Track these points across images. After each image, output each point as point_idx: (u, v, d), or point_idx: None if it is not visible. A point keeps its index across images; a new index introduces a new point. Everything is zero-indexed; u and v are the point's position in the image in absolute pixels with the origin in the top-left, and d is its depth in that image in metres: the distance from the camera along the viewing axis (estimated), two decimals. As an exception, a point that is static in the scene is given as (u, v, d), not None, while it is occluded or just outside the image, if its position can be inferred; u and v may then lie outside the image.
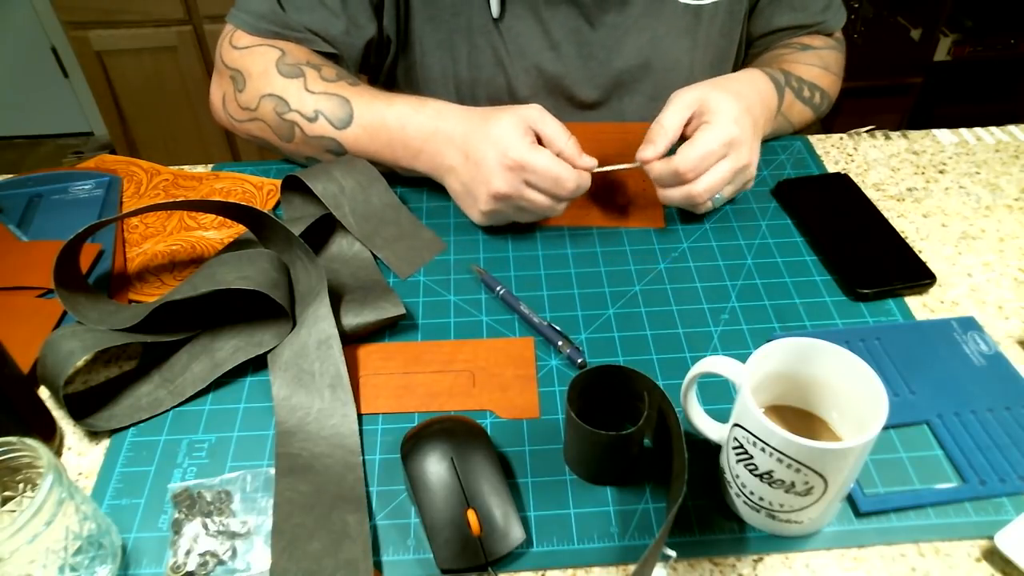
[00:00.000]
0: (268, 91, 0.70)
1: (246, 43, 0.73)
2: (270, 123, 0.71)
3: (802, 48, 0.82)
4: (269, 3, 0.73)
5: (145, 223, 0.71)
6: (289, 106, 0.69)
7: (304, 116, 0.69)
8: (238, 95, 0.73)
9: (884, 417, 0.41)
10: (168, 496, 0.50)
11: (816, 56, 0.81)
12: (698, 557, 0.46)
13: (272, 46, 0.72)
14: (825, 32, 0.85)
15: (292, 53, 0.72)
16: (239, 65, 0.72)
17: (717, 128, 0.63)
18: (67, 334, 0.55)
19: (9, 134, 2.37)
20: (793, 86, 0.77)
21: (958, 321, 0.60)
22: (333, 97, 0.69)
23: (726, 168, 0.64)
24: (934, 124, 0.83)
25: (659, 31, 0.79)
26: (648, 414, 0.48)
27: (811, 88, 0.79)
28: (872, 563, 0.46)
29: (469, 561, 0.45)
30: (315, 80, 0.70)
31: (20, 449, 0.42)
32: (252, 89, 0.71)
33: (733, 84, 0.68)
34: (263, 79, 0.71)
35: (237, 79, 0.73)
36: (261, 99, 0.71)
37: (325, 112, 0.69)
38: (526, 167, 0.62)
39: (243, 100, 0.72)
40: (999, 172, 0.76)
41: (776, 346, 0.46)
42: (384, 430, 0.54)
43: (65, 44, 2.02)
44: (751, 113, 0.66)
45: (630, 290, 0.64)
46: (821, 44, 0.83)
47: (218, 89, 0.76)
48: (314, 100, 0.69)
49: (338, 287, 0.62)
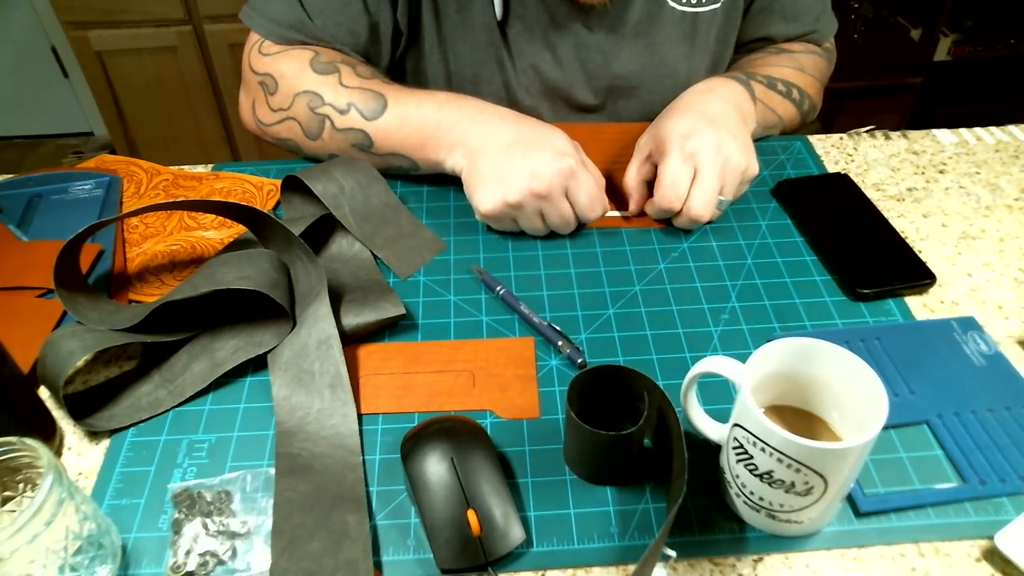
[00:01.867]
0: (303, 88, 0.71)
1: (275, 49, 0.74)
2: (301, 120, 0.71)
3: (777, 52, 0.83)
4: (295, 12, 0.73)
5: (145, 223, 0.71)
6: (323, 100, 0.70)
7: (337, 109, 0.70)
8: (269, 98, 0.73)
9: (884, 417, 0.41)
10: (168, 496, 0.50)
11: (790, 59, 0.82)
12: (698, 557, 0.46)
13: (305, 48, 0.73)
14: (815, 42, 0.85)
15: (326, 53, 0.73)
16: (270, 69, 0.73)
17: (670, 155, 0.66)
18: (67, 334, 0.55)
19: (9, 134, 2.37)
20: (761, 81, 0.77)
21: (958, 321, 0.60)
22: (368, 92, 0.70)
23: (708, 176, 0.65)
24: (934, 124, 0.83)
25: (657, 37, 0.79)
26: (648, 414, 0.48)
27: (785, 84, 0.79)
28: (872, 563, 0.46)
29: (469, 561, 0.45)
30: (350, 76, 0.71)
31: (20, 449, 0.42)
32: (285, 89, 0.72)
33: (685, 99, 0.71)
34: (298, 77, 0.71)
35: (268, 83, 0.73)
36: (296, 97, 0.71)
37: (358, 104, 0.69)
38: (577, 175, 0.64)
39: (275, 102, 0.73)
40: (999, 172, 0.76)
41: (776, 346, 0.46)
42: (384, 430, 0.54)
43: (65, 44, 2.03)
44: (706, 117, 0.67)
45: (630, 290, 0.64)
46: (800, 49, 0.84)
47: (247, 98, 0.77)
48: (348, 94, 0.70)
49: (338, 287, 0.62)
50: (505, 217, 0.66)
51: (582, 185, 0.65)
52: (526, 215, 0.66)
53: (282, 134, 0.74)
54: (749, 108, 0.72)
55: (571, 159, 0.64)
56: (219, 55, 1.73)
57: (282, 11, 0.73)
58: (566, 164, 0.63)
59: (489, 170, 0.65)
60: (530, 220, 0.66)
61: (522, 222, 0.67)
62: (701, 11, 0.79)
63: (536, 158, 0.63)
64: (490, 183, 0.65)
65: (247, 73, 0.76)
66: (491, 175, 0.65)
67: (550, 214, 0.66)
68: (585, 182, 0.65)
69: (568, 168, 0.64)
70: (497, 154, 0.65)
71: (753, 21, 0.84)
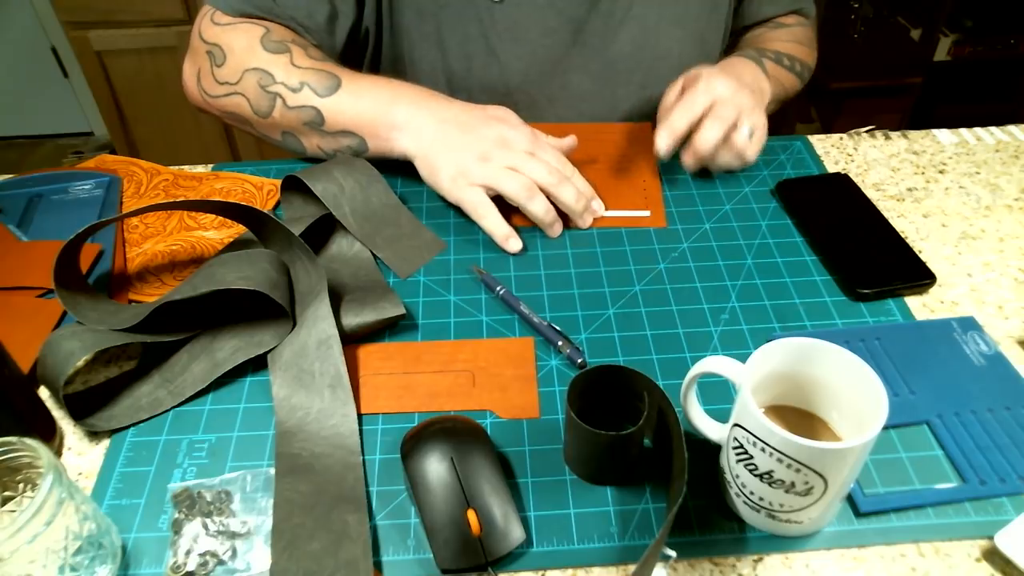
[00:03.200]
0: (253, 65, 0.70)
1: (226, 20, 0.73)
2: (250, 96, 0.70)
3: (775, 27, 0.91)
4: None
5: (145, 223, 0.71)
6: (274, 79, 0.69)
7: (289, 87, 0.69)
8: (216, 70, 0.72)
9: (884, 417, 0.41)
10: (168, 496, 0.50)
11: (788, 32, 0.90)
12: (698, 557, 0.46)
13: (256, 23, 0.72)
14: (803, 14, 0.93)
15: (277, 31, 0.72)
16: (220, 40, 0.72)
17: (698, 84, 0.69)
18: (67, 334, 0.55)
19: (9, 134, 2.37)
20: (770, 56, 0.82)
21: (958, 321, 0.60)
22: (321, 72, 0.69)
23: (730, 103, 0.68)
24: (934, 124, 0.83)
25: (651, 20, 0.81)
26: (648, 414, 0.48)
27: (790, 59, 0.86)
28: (872, 563, 0.46)
29: (469, 561, 0.45)
30: (301, 56, 0.70)
31: (20, 449, 0.42)
32: (234, 63, 0.71)
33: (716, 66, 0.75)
34: (247, 53, 0.70)
35: (215, 54, 0.72)
36: (244, 72, 0.70)
37: (311, 83, 0.69)
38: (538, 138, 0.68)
39: (222, 75, 0.71)
40: (999, 172, 0.76)
41: (776, 346, 0.46)
42: (384, 430, 0.54)
43: (65, 44, 2.03)
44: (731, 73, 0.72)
45: (630, 290, 0.64)
46: (793, 22, 0.92)
47: (192, 66, 0.75)
48: (300, 73, 0.69)
49: (338, 287, 0.62)
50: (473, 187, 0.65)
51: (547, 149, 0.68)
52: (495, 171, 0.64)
53: (227, 107, 0.73)
54: (765, 85, 0.77)
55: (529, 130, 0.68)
56: (219, 55, 1.73)
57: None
58: (528, 130, 0.68)
59: (450, 143, 0.66)
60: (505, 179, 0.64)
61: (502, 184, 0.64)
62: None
63: (497, 127, 0.67)
64: (449, 154, 0.66)
65: (195, 40, 0.75)
66: (452, 147, 0.66)
67: (523, 165, 0.65)
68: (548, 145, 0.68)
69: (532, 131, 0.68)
70: (452, 130, 0.66)
71: (748, 6, 0.90)
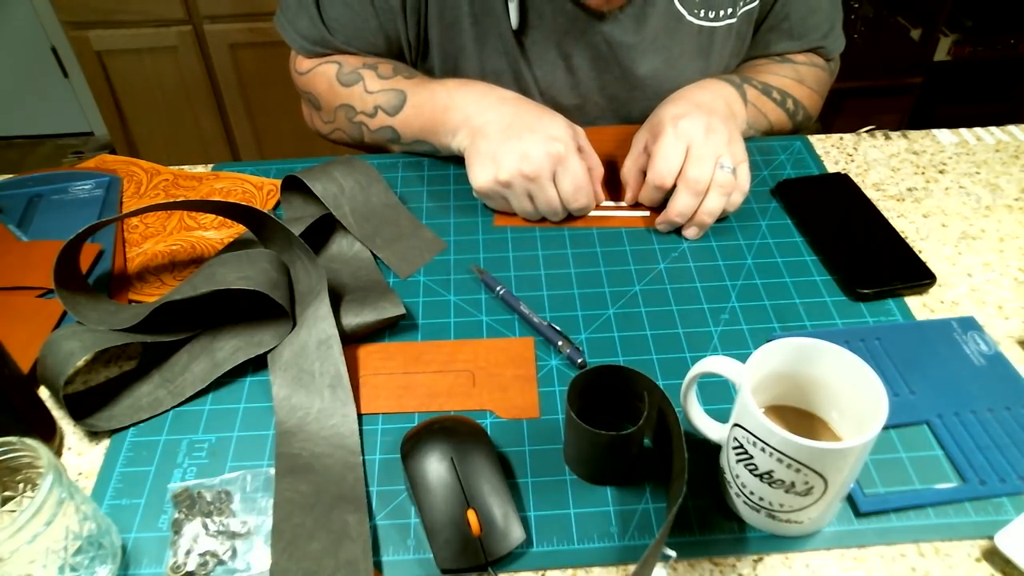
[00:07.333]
0: (338, 103, 0.78)
1: (307, 67, 0.81)
2: (345, 129, 0.80)
3: (780, 60, 0.83)
4: (317, 29, 0.78)
5: (145, 223, 0.71)
6: (355, 110, 0.77)
7: (367, 115, 0.76)
8: (316, 113, 0.83)
9: (884, 417, 0.41)
10: (168, 496, 0.50)
11: (791, 68, 0.82)
12: (698, 557, 0.46)
13: (328, 62, 0.79)
14: (821, 55, 0.85)
15: (348, 62, 0.78)
16: (308, 89, 0.81)
17: (663, 135, 0.67)
18: (67, 334, 0.55)
19: (9, 134, 2.37)
20: (756, 86, 0.78)
21: (958, 321, 0.60)
22: (389, 91, 0.75)
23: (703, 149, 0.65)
24: (934, 124, 0.83)
25: (674, 51, 0.79)
26: (648, 414, 0.48)
27: (781, 93, 0.80)
28: (872, 563, 0.46)
29: (469, 561, 0.45)
30: (373, 80, 0.76)
31: (20, 449, 0.42)
32: (326, 105, 0.80)
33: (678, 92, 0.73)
34: (330, 94, 0.79)
35: (312, 100, 0.82)
36: (335, 111, 0.79)
37: (383, 105, 0.75)
38: (564, 162, 0.66)
39: (323, 117, 0.82)
40: (999, 172, 0.76)
41: (776, 346, 0.46)
42: (384, 430, 0.54)
43: (65, 44, 2.02)
44: (697, 104, 0.69)
45: (630, 290, 0.64)
46: (803, 60, 0.83)
47: (305, 108, 0.87)
48: (373, 99, 0.76)
49: (338, 287, 0.62)
50: (497, 196, 0.69)
51: (568, 172, 0.67)
52: (516, 195, 0.68)
53: (338, 140, 0.83)
54: (739, 108, 0.74)
55: (562, 145, 0.66)
56: (219, 55, 1.73)
57: (308, 27, 0.78)
58: (555, 149, 0.65)
59: (485, 149, 0.67)
60: (520, 201, 0.68)
61: (513, 202, 0.69)
62: (718, 26, 0.79)
63: (529, 140, 0.66)
64: (485, 161, 0.67)
65: (297, 89, 0.85)
66: (486, 154, 0.67)
67: (538, 197, 0.67)
68: (573, 169, 0.67)
69: (557, 153, 0.65)
70: (495, 135, 0.67)
71: (762, 39, 0.84)
